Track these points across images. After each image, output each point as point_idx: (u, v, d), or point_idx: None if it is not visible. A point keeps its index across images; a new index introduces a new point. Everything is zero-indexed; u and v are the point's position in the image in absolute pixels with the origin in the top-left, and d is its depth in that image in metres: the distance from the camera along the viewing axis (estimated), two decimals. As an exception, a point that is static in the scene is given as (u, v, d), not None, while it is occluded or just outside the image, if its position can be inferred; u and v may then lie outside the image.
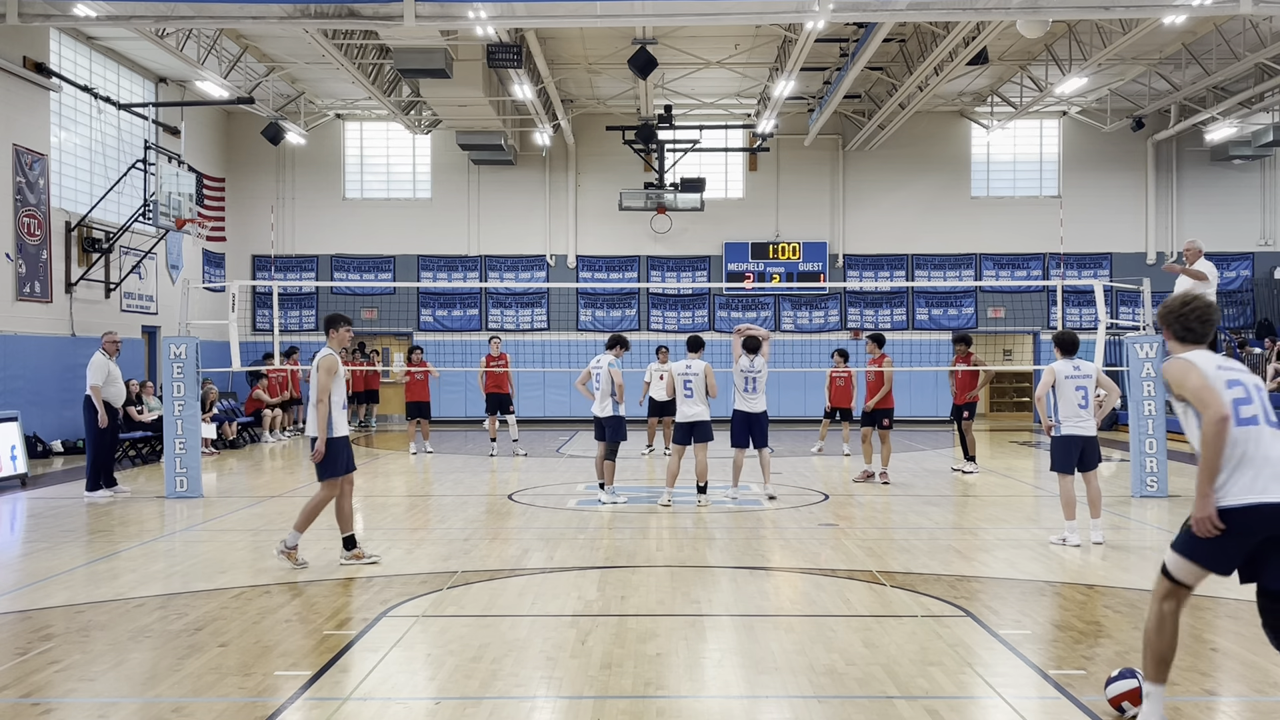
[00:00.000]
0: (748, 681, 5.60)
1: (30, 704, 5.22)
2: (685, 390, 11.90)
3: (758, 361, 12.29)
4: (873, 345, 14.57)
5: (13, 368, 17.15)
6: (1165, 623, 4.50)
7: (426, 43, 18.18)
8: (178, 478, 12.60)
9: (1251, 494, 4.26)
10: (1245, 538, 4.30)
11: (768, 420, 12.51)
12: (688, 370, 11.92)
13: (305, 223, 26.56)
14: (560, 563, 8.68)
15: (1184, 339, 4.63)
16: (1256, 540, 4.29)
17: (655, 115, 23.87)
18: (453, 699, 5.28)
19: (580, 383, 12.70)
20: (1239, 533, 4.29)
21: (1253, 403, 4.41)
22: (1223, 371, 4.47)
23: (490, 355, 17.59)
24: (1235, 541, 4.31)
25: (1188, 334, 4.62)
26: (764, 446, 12.46)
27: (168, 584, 7.98)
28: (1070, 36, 20.17)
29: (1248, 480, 4.28)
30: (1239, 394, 4.41)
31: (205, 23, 17.29)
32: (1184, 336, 4.63)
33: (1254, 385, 4.48)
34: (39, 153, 18.16)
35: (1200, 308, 4.64)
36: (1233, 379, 4.45)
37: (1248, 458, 4.31)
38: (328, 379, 8.34)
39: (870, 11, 16.00)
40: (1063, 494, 9.43)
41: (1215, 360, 4.54)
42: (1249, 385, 4.46)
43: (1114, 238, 26.41)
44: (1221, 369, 4.48)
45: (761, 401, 12.33)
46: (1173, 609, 4.50)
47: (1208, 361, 4.51)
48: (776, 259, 26.18)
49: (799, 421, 23.56)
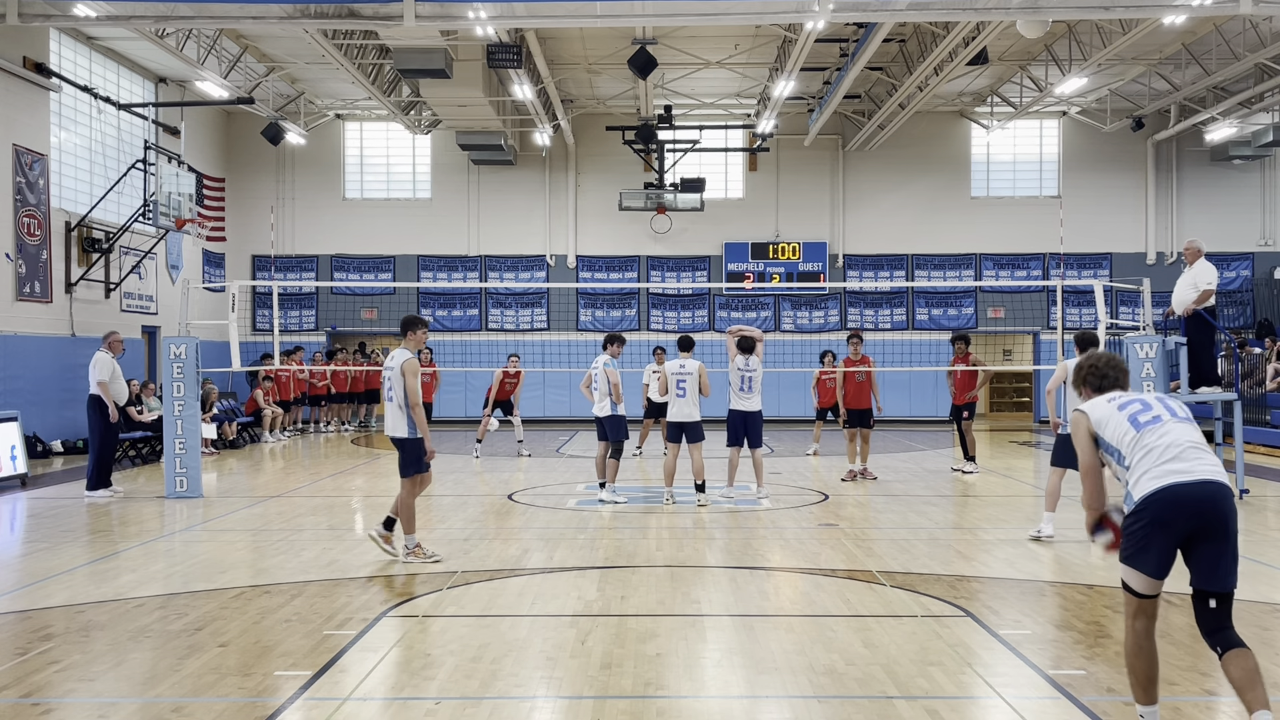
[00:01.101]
0: (748, 681, 5.60)
1: (30, 704, 5.22)
2: (679, 390, 11.95)
3: (753, 361, 12.33)
4: (857, 344, 14.70)
5: (13, 368, 17.15)
6: (1141, 643, 4.56)
7: (426, 43, 18.18)
8: (178, 478, 12.60)
9: (1155, 480, 4.42)
10: (1164, 529, 4.40)
11: (762, 420, 12.54)
12: (681, 370, 11.96)
13: (305, 223, 26.56)
14: (560, 563, 8.68)
15: (1099, 388, 4.94)
16: (1176, 532, 4.39)
17: (655, 115, 23.87)
18: (453, 699, 5.28)
19: (584, 385, 12.79)
20: (1156, 524, 4.40)
21: (1152, 408, 4.65)
22: (1117, 400, 4.75)
23: (507, 371, 17.69)
24: (1158, 536, 4.41)
25: (1103, 382, 4.94)
26: (758, 446, 12.49)
27: (168, 584, 7.98)
28: (1070, 36, 20.18)
29: (1153, 470, 4.46)
30: (1135, 409, 4.65)
31: (205, 23, 17.29)
32: (1100, 386, 4.94)
33: (1154, 398, 4.74)
34: (39, 153, 18.16)
35: (1102, 357, 5.04)
36: (1129, 400, 4.73)
37: (1151, 452, 4.50)
38: (417, 381, 8.60)
39: (870, 11, 16.00)
40: (1050, 486, 9.68)
41: (1114, 396, 4.81)
42: (1149, 399, 4.72)
43: (1114, 238, 26.41)
44: (1115, 400, 4.76)
45: (757, 401, 12.36)
46: (1145, 627, 4.55)
47: (1100, 402, 4.80)
48: (776, 259, 26.18)
49: (799, 422, 23.55)
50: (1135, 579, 4.52)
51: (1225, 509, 4.40)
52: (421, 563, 8.53)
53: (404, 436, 8.65)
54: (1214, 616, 4.40)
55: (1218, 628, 4.40)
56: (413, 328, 8.89)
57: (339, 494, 13.30)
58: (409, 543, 8.68)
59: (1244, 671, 4.27)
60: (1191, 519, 4.38)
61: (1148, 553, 4.45)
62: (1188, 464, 4.44)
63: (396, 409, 8.63)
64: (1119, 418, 4.66)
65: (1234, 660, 4.30)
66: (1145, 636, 4.55)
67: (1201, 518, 4.37)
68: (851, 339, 15.09)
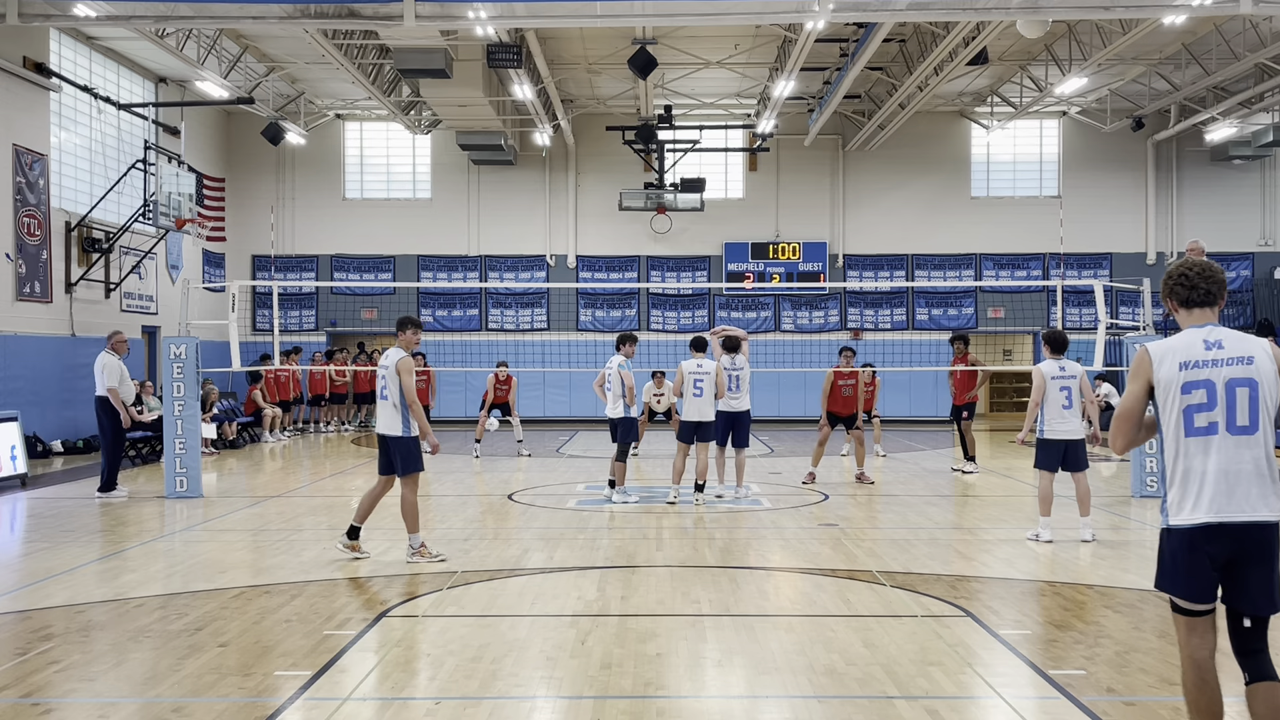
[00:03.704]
0: (748, 681, 5.60)
1: (30, 704, 5.22)
2: (695, 390, 11.91)
3: (739, 360, 12.36)
4: (850, 356, 14.70)
5: (13, 368, 17.15)
6: (1204, 675, 4.05)
7: (426, 43, 18.18)
8: (178, 478, 12.60)
9: (1199, 513, 3.99)
10: (1201, 559, 4.00)
11: (750, 420, 12.56)
12: (699, 369, 11.94)
13: (305, 223, 26.56)
14: (560, 563, 8.68)
15: (1187, 302, 4.22)
16: (1214, 557, 3.99)
17: (655, 115, 23.87)
18: (453, 699, 5.28)
19: (597, 385, 12.79)
20: (1193, 553, 4.00)
21: (1215, 408, 4.02)
22: (1186, 372, 4.07)
23: (497, 375, 17.76)
24: (1196, 562, 4.00)
25: (1192, 294, 4.21)
26: (744, 446, 12.52)
27: (168, 584, 7.98)
28: (1070, 36, 20.17)
29: (1194, 497, 4.01)
30: (1198, 399, 4.03)
31: (205, 23, 17.29)
32: (1187, 299, 4.21)
33: (1225, 382, 4.02)
34: (39, 153, 18.15)
35: (1200, 264, 4.25)
36: (1197, 381, 4.05)
37: (1194, 472, 4.03)
38: (412, 379, 8.62)
39: (870, 11, 16.00)
40: (1041, 490, 9.63)
41: (1189, 353, 4.11)
42: (1217, 385, 4.03)
43: (1114, 238, 26.41)
44: (1186, 368, 4.08)
45: (745, 401, 12.38)
46: (1204, 655, 4.05)
47: (1172, 358, 4.12)
48: (776, 259, 26.18)
49: (799, 421, 23.55)
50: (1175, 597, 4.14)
51: (1269, 538, 3.99)
52: (428, 562, 8.54)
53: (398, 435, 8.63)
54: (1248, 637, 4.01)
55: (1250, 650, 4.01)
56: (404, 327, 8.92)
57: (339, 494, 13.29)
58: (413, 542, 8.67)
59: (1271, 711, 3.90)
60: (1230, 546, 3.98)
61: (1184, 578, 4.05)
62: (1234, 501, 3.96)
63: (391, 407, 8.63)
64: (1176, 397, 4.07)
65: (1261, 695, 3.93)
66: (1206, 666, 4.04)
67: (1240, 544, 3.98)
68: (843, 351, 14.90)
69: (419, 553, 8.63)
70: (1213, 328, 4.16)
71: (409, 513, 8.65)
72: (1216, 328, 4.16)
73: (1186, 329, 4.20)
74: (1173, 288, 4.25)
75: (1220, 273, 4.25)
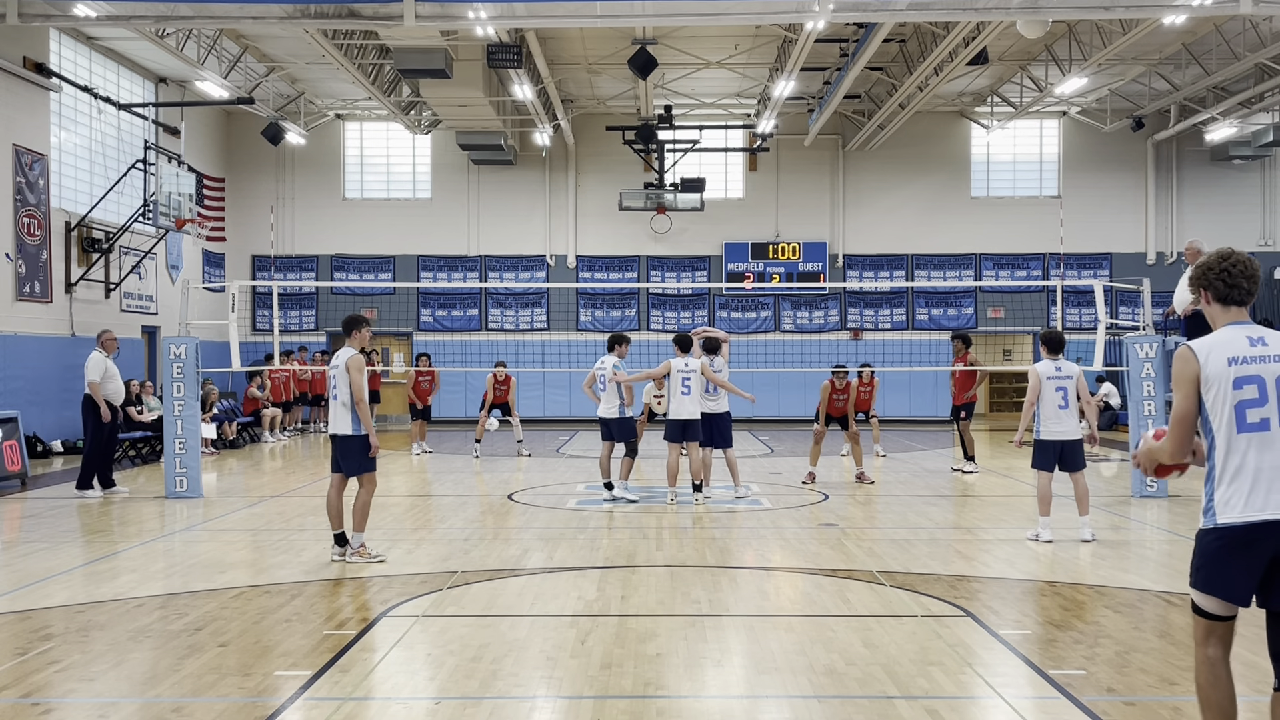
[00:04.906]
0: (748, 681, 5.60)
1: (30, 704, 5.22)
2: (683, 388, 11.95)
3: (717, 361, 12.50)
4: (841, 374, 14.54)
5: (13, 368, 17.15)
6: (1217, 673, 4.00)
7: (426, 43, 18.19)
8: (178, 478, 12.60)
9: (1251, 510, 3.88)
10: (1251, 557, 3.88)
11: (730, 420, 12.64)
12: (685, 368, 11.98)
13: (305, 223, 26.56)
14: (560, 563, 8.67)
15: (1226, 299, 4.10)
16: (1262, 555, 3.87)
17: (655, 115, 23.87)
18: (453, 699, 5.28)
19: (586, 385, 12.79)
20: (1242, 551, 3.89)
21: (1267, 403, 3.93)
22: (1236, 368, 3.97)
23: (496, 375, 17.76)
24: (1242, 561, 3.89)
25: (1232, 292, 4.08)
26: (728, 446, 12.59)
27: (168, 584, 7.98)
28: (1070, 36, 20.18)
29: (1246, 494, 3.90)
30: (1249, 394, 3.93)
31: (205, 23, 17.30)
32: (1226, 296, 4.09)
33: (1275, 379, 3.94)
34: (39, 153, 18.15)
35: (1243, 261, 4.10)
36: (1247, 376, 3.95)
37: (1246, 468, 3.91)
38: (362, 377, 8.57)
39: (870, 11, 16.01)
40: (1040, 490, 9.61)
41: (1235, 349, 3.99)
42: (1268, 380, 3.94)
43: (1114, 238, 26.41)
44: (1235, 364, 3.97)
45: (724, 402, 12.49)
46: (1219, 654, 4.00)
47: (1219, 354, 4.00)
48: (776, 259, 26.18)
49: (799, 422, 23.54)
50: (1206, 600, 3.99)
51: None
52: (365, 562, 8.47)
53: (348, 434, 8.60)
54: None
55: None
56: (356, 326, 8.86)
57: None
58: (354, 541, 8.59)
59: None
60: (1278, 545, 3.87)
61: (1232, 580, 3.91)
62: None
63: (341, 406, 8.59)
64: (1227, 393, 3.94)
65: None
66: (1220, 664, 3.99)
67: None
68: (836, 370, 14.69)
69: (358, 552, 8.56)
70: (1253, 325, 4.07)
71: (359, 511, 8.60)
72: (1256, 325, 4.08)
73: (1225, 326, 4.09)
74: (1212, 281, 4.08)
75: (1259, 270, 4.12)
